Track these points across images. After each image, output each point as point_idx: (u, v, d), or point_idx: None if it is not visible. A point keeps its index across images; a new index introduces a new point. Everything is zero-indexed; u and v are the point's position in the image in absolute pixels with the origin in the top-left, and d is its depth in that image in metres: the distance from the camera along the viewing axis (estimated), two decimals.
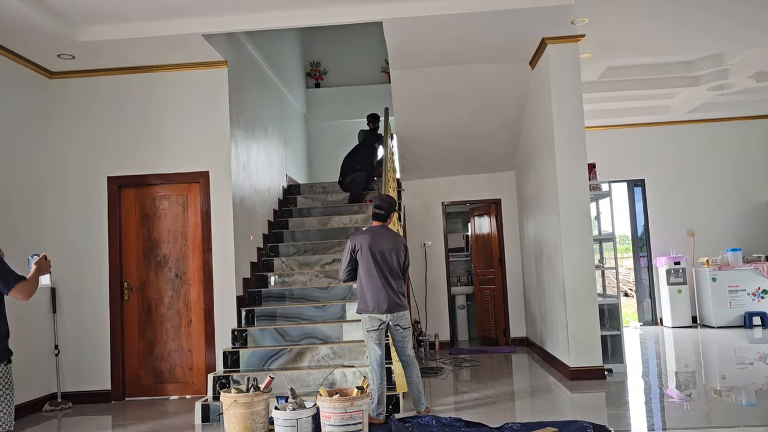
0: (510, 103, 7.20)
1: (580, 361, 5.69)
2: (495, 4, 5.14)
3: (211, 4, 5.03)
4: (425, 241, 8.56)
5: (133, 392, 6.02)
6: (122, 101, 6.17)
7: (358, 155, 8.09)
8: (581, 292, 5.71)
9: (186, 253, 6.11)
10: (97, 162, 6.13)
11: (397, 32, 5.58)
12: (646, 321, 9.74)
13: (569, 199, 5.80)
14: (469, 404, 5.07)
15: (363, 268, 4.63)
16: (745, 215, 9.53)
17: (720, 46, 6.74)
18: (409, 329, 4.69)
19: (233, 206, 6.07)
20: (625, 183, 9.89)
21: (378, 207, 4.81)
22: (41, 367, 5.78)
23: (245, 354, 5.50)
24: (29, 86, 5.89)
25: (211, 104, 6.12)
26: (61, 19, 5.09)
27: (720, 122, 9.63)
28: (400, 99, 7.13)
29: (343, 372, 5.14)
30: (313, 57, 11.03)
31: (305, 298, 6.28)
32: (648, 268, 9.76)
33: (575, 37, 5.85)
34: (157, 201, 6.17)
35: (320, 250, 7.02)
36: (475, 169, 8.52)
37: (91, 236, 6.07)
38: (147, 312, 6.08)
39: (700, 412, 4.62)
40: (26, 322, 5.53)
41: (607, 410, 4.80)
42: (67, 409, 5.76)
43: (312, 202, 8.21)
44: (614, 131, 9.66)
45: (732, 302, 8.74)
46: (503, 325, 8.40)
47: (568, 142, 5.85)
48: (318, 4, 5.18)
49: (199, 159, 6.10)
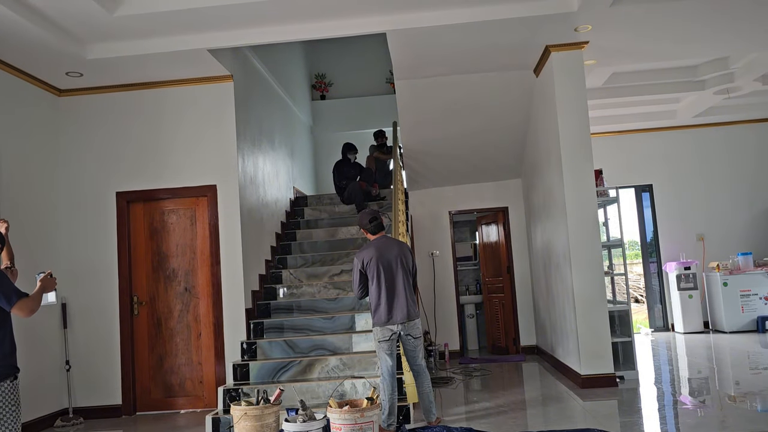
0: (515, 111, 7.20)
1: (591, 369, 5.65)
2: (498, 14, 5.16)
3: (215, 19, 5.08)
4: (433, 250, 8.55)
5: (144, 406, 6.03)
6: (129, 117, 6.23)
7: (340, 170, 8.27)
8: (591, 299, 5.68)
9: (195, 267, 6.13)
10: (105, 177, 6.19)
11: (401, 43, 5.61)
12: (657, 327, 9.66)
13: (577, 206, 5.78)
14: (480, 414, 5.04)
15: (373, 281, 4.62)
16: (755, 219, 9.46)
17: (725, 49, 6.72)
18: (420, 338, 4.68)
19: (241, 219, 6.10)
20: (633, 189, 9.85)
21: (373, 219, 4.78)
22: (52, 383, 5.80)
23: (255, 366, 5.50)
24: (38, 104, 5.96)
25: (218, 118, 6.17)
26: (69, 37, 5.15)
27: (727, 126, 9.58)
28: (405, 109, 7.16)
29: (353, 383, 5.13)
30: (318, 69, 11.11)
31: (314, 310, 6.29)
32: (658, 273, 9.69)
33: (579, 44, 5.86)
34: (166, 215, 6.21)
35: (328, 261, 7.03)
36: (482, 178, 8.52)
37: (101, 251, 6.11)
38: (157, 326, 6.10)
39: (714, 418, 4.57)
40: (37, 337, 5.56)
41: (620, 418, 4.75)
42: (79, 424, 5.77)
43: (319, 213, 8.24)
44: (620, 137, 9.64)
45: (744, 307, 8.67)
46: (513, 333, 8.35)
47: (575, 148, 5.84)
48: (322, 17, 5.22)
49: (206, 173, 6.14)
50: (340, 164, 8.38)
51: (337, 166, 8.38)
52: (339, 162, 8.43)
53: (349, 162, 8.43)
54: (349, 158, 8.48)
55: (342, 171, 8.28)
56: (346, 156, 8.48)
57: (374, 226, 4.78)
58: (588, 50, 5.99)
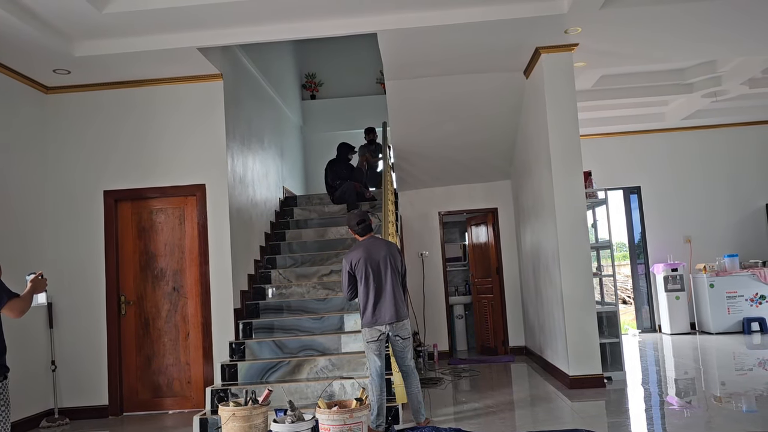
0: (505, 112, 7.22)
1: (579, 370, 5.67)
2: (488, 15, 5.17)
3: (205, 17, 5.04)
4: (422, 251, 8.55)
5: (131, 407, 5.98)
6: (118, 115, 6.18)
7: (334, 170, 8.24)
8: (579, 300, 5.71)
9: (183, 267, 6.09)
10: (93, 176, 6.13)
11: (392, 44, 5.61)
12: (644, 328, 9.73)
13: (566, 208, 5.81)
14: (469, 414, 5.05)
15: (362, 282, 4.61)
16: (742, 221, 9.56)
17: (713, 53, 6.78)
18: (409, 339, 4.68)
19: (230, 219, 6.07)
20: (621, 190, 9.92)
21: (361, 221, 4.77)
22: (38, 383, 5.73)
23: (243, 367, 5.48)
24: (25, 101, 5.89)
25: (207, 117, 6.13)
26: (57, 34, 5.10)
27: (715, 129, 9.68)
28: (395, 110, 7.16)
29: (342, 384, 5.12)
30: (308, 69, 11.09)
31: (303, 310, 6.27)
32: (646, 275, 9.76)
33: (569, 46, 5.89)
34: (154, 214, 6.17)
35: (318, 261, 7.01)
36: (472, 179, 8.53)
37: (88, 250, 6.05)
38: (144, 326, 6.06)
39: (701, 419, 4.60)
40: (22, 337, 5.50)
41: (608, 418, 4.78)
42: (65, 425, 5.71)
43: (309, 213, 8.22)
44: (609, 139, 9.71)
45: (730, 308, 8.75)
46: (502, 334, 8.38)
47: (564, 150, 5.87)
48: (312, 17, 5.20)
49: (195, 172, 6.10)
50: (334, 163, 8.34)
51: (330, 165, 8.34)
52: (332, 161, 8.39)
53: (343, 162, 8.39)
54: (348, 158, 8.45)
55: (335, 170, 8.24)
56: (346, 156, 8.42)
57: (362, 228, 4.77)
58: (578, 52, 6.02)
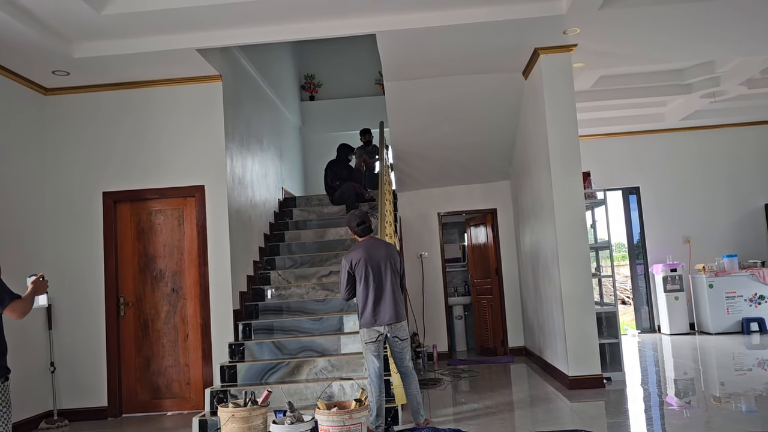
0: (504, 113, 7.23)
1: (578, 370, 5.67)
2: (487, 16, 5.17)
3: (204, 18, 5.05)
4: (422, 252, 8.55)
5: (130, 408, 5.97)
6: (117, 116, 6.18)
7: (333, 170, 8.23)
8: (578, 301, 5.71)
9: (182, 268, 6.09)
10: (92, 177, 6.13)
11: (391, 44, 5.61)
12: (643, 328, 9.73)
13: (565, 208, 5.81)
14: (468, 415, 5.04)
15: (361, 282, 4.61)
16: (741, 221, 9.56)
17: (712, 53, 6.79)
18: (408, 340, 4.68)
19: (229, 220, 6.06)
20: (620, 191, 9.92)
21: (361, 222, 4.78)
22: (37, 385, 5.73)
23: (243, 368, 5.47)
24: (24, 103, 5.89)
25: (206, 118, 6.13)
26: (55, 35, 5.10)
27: (713, 129, 9.69)
28: (394, 111, 7.16)
29: (342, 385, 5.11)
30: (307, 70, 11.09)
31: (302, 311, 6.27)
32: (645, 275, 9.77)
33: (568, 47, 5.89)
34: (153, 215, 6.16)
35: (317, 262, 7.01)
36: (471, 179, 8.54)
37: (87, 251, 6.05)
38: (143, 327, 6.05)
39: (700, 419, 4.60)
40: (21, 339, 5.49)
41: (607, 419, 4.79)
42: (64, 426, 5.70)
43: (308, 214, 8.22)
44: (608, 139, 9.71)
45: (729, 308, 8.75)
46: (501, 335, 8.37)
47: (563, 151, 5.87)
48: (311, 18, 5.20)
49: (194, 173, 6.10)
50: (334, 164, 8.34)
51: (329, 166, 8.34)
52: (332, 162, 8.39)
53: (343, 162, 8.38)
54: (348, 159, 8.46)
55: (335, 171, 8.24)
56: (345, 157, 8.42)
57: (362, 229, 4.77)
58: (576, 53, 6.02)
